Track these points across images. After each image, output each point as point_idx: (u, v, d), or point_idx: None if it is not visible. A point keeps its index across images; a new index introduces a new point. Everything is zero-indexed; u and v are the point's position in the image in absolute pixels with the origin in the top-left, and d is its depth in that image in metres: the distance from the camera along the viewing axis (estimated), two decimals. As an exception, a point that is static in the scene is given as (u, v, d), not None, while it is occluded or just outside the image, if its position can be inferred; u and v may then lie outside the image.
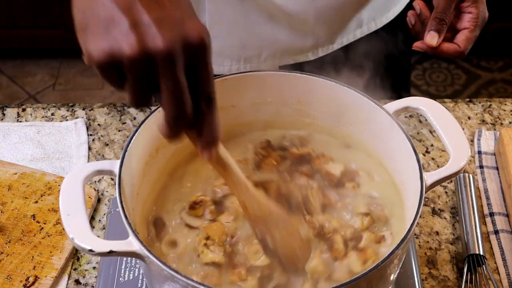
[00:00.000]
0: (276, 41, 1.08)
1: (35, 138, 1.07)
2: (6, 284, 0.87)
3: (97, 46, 0.59)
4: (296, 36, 1.08)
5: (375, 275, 0.67)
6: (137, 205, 0.78)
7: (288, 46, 1.09)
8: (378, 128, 0.81)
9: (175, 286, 0.66)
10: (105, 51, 0.59)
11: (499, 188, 1.00)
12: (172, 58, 0.59)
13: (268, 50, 1.09)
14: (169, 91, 0.60)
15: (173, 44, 0.59)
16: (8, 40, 2.69)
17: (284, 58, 1.10)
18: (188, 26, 0.60)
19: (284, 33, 1.07)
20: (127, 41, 0.58)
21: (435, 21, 0.95)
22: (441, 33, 0.96)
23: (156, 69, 0.59)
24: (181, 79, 0.60)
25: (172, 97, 0.61)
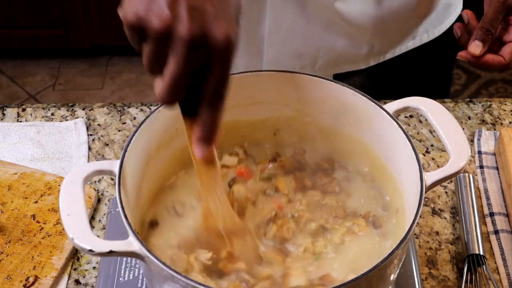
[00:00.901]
0: (331, 50, 1.09)
1: (35, 138, 1.07)
2: (6, 284, 0.87)
3: (134, 7, 0.63)
4: (351, 45, 1.09)
5: (375, 275, 0.67)
6: (137, 205, 0.78)
7: (343, 55, 1.09)
8: (378, 128, 0.81)
9: (175, 286, 0.66)
10: (138, 15, 0.63)
11: (499, 188, 1.00)
12: (188, 47, 0.62)
13: (323, 59, 1.10)
14: (170, 73, 0.64)
15: (195, 36, 0.62)
16: (8, 40, 2.69)
17: (337, 67, 1.10)
18: (219, 24, 0.63)
19: (341, 42, 1.08)
20: (159, 15, 0.62)
21: (481, 31, 0.95)
22: (486, 43, 0.95)
23: (171, 48, 0.63)
24: (185, 69, 0.63)
25: (168, 80, 0.64)
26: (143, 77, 2.70)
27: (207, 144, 0.69)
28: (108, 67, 2.77)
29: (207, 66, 0.65)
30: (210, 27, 0.63)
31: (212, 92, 0.66)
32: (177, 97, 0.66)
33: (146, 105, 1.13)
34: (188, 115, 0.70)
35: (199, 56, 0.64)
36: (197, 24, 0.62)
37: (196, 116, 0.68)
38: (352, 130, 0.85)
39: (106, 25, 2.61)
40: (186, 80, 0.65)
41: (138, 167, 0.78)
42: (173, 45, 0.63)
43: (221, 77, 0.66)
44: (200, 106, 0.67)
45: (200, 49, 0.63)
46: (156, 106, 0.80)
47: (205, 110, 0.67)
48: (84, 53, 2.76)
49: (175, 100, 0.66)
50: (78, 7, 2.55)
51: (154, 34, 0.63)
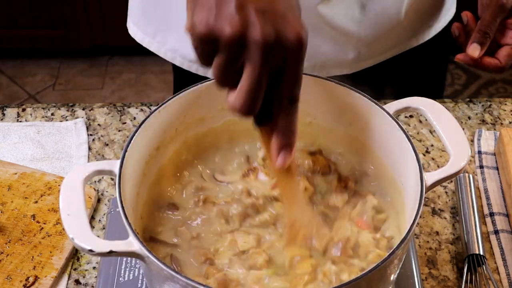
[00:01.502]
0: (317, 54, 1.08)
1: (35, 138, 1.07)
2: (6, 284, 0.87)
3: (203, 18, 0.62)
4: (337, 49, 1.07)
5: (375, 275, 0.67)
6: (137, 205, 0.78)
7: (329, 58, 1.08)
8: (378, 128, 0.81)
9: (175, 286, 0.66)
10: (209, 25, 0.61)
11: (499, 188, 1.00)
12: (264, 51, 0.61)
13: (308, 63, 1.08)
14: (248, 81, 0.62)
15: (269, 38, 0.61)
16: (8, 40, 2.69)
17: (323, 71, 1.10)
18: (289, 23, 0.62)
19: (326, 46, 1.06)
20: (230, 22, 0.61)
21: (479, 34, 0.97)
22: (484, 46, 0.97)
23: (246, 55, 0.61)
24: (263, 74, 0.62)
25: (247, 88, 0.62)
26: (143, 77, 2.71)
27: (289, 151, 0.67)
28: (108, 67, 2.77)
29: (280, 69, 0.63)
30: (282, 28, 0.62)
31: (288, 94, 0.65)
32: (256, 106, 0.64)
33: (146, 105, 1.13)
34: (261, 123, 0.68)
35: (274, 59, 0.62)
36: (269, 26, 0.61)
37: (270, 123, 0.66)
38: (352, 130, 0.85)
39: (106, 25, 2.61)
40: (263, 87, 0.63)
41: (138, 167, 0.78)
42: (248, 51, 0.61)
43: (295, 78, 0.65)
44: (276, 112, 0.66)
45: (276, 51, 0.62)
46: (156, 106, 0.80)
47: (282, 115, 0.66)
48: (84, 53, 2.76)
49: (255, 110, 0.64)
50: (78, 7, 2.55)
51: (226, 40, 0.61)
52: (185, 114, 0.83)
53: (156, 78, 2.64)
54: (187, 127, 0.84)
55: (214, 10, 0.61)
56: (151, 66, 2.67)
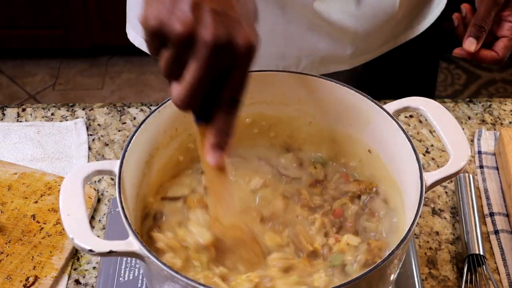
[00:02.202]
0: (314, 50, 1.08)
1: (35, 138, 1.07)
2: (6, 284, 0.87)
3: (156, 12, 0.62)
4: (335, 46, 1.08)
5: (375, 275, 0.67)
6: (137, 205, 0.78)
7: (327, 55, 1.09)
8: (378, 128, 0.81)
9: (175, 286, 0.66)
10: (160, 19, 0.62)
11: (499, 188, 1.00)
12: (212, 52, 0.62)
13: (307, 60, 1.09)
14: (190, 78, 0.63)
15: (218, 40, 0.61)
16: (8, 40, 2.69)
17: (322, 67, 1.10)
18: (241, 29, 0.63)
19: (324, 43, 1.07)
20: (182, 18, 0.61)
21: (475, 28, 0.98)
22: (480, 40, 0.98)
23: (193, 52, 0.62)
24: (206, 74, 0.63)
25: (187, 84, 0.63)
26: (143, 77, 2.70)
27: (221, 150, 0.68)
28: (108, 67, 2.77)
29: (226, 72, 0.64)
30: (234, 33, 0.62)
31: (230, 98, 0.66)
32: (195, 103, 0.65)
33: (146, 105, 1.13)
34: (201, 120, 0.69)
35: (220, 61, 0.63)
36: (221, 29, 0.62)
37: (209, 122, 0.67)
38: (352, 130, 0.85)
39: (106, 25, 2.61)
40: (205, 86, 0.64)
41: (138, 167, 0.78)
42: (196, 49, 0.62)
43: (240, 83, 0.65)
44: (216, 112, 0.66)
45: (223, 54, 0.62)
46: (156, 106, 0.80)
47: (220, 116, 0.66)
48: (84, 53, 2.76)
49: (193, 106, 0.65)
50: (78, 7, 2.55)
51: (176, 37, 0.61)
52: (185, 114, 0.82)
53: (156, 78, 2.64)
54: (187, 127, 0.84)
55: (168, 6, 0.62)
56: (151, 66, 2.67)
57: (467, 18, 1.01)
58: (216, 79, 0.64)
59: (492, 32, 1.01)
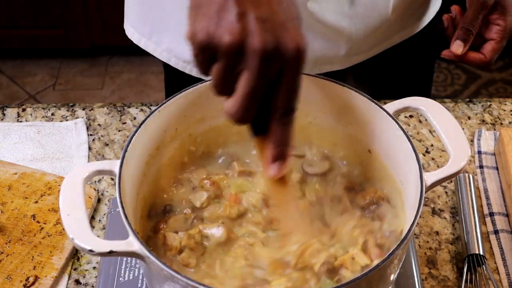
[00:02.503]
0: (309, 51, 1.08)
1: (35, 138, 1.08)
2: (6, 284, 0.87)
3: (204, 26, 0.62)
4: (329, 46, 1.08)
5: (375, 275, 0.67)
6: (137, 205, 0.78)
7: (321, 55, 1.09)
8: (378, 128, 0.81)
9: (175, 286, 0.66)
10: (209, 33, 0.61)
11: (499, 188, 1.00)
12: (262, 59, 0.61)
13: None
14: (244, 89, 0.62)
15: (268, 47, 0.61)
16: (8, 40, 2.69)
17: (316, 68, 1.10)
18: (289, 33, 0.62)
19: (318, 43, 1.07)
20: (230, 29, 0.61)
21: (462, 31, 0.99)
22: (467, 43, 0.99)
23: (244, 63, 0.62)
24: (259, 83, 0.62)
25: (242, 96, 0.63)
26: (143, 77, 2.71)
27: (282, 161, 0.67)
28: (108, 67, 2.77)
29: (278, 79, 0.63)
30: (282, 38, 0.62)
31: (284, 107, 0.65)
32: (251, 114, 0.64)
33: (146, 105, 1.13)
34: (258, 133, 0.68)
35: (272, 69, 0.62)
36: (269, 35, 0.61)
37: (266, 133, 0.66)
38: (352, 130, 0.85)
39: (106, 25, 2.61)
40: (260, 95, 0.63)
41: (138, 167, 0.78)
42: (246, 59, 0.61)
43: (293, 89, 0.64)
44: (272, 122, 0.66)
45: (274, 61, 0.62)
46: (156, 106, 0.80)
47: (277, 126, 0.66)
48: (84, 53, 2.77)
49: (250, 118, 0.64)
50: (78, 7, 2.55)
51: (226, 48, 0.61)
52: (185, 114, 0.83)
53: (156, 78, 2.64)
54: (187, 127, 0.84)
55: (215, 18, 0.62)
56: (151, 66, 2.67)
57: (456, 19, 1.02)
58: (269, 89, 0.63)
59: (481, 34, 1.02)
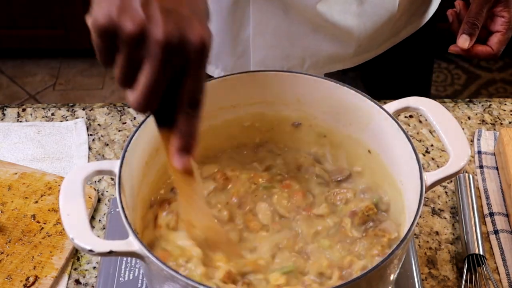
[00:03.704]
0: (318, 51, 1.08)
1: (35, 138, 1.07)
2: (6, 284, 0.87)
3: (106, 11, 0.61)
4: (338, 45, 1.08)
5: (375, 275, 0.67)
6: (137, 205, 0.78)
7: (330, 54, 1.09)
8: (378, 128, 0.81)
9: (175, 286, 0.66)
10: (110, 17, 0.60)
11: (499, 188, 1.00)
12: (164, 50, 0.60)
13: (311, 60, 1.09)
14: (145, 78, 0.61)
15: (171, 37, 0.60)
16: (8, 40, 2.69)
17: (325, 67, 1.10)
18: (193, 26, 0.61)
19: (327, 43, 1.07)
20: (133, 17, 0.60)
21: (467, 25, 0.99)
22: (473, 37, 1.00)
23: (146, 53, 0.61)
24: (161, 73, 0.61)
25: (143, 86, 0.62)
26: (143, 77, 2.71)
27: (186, 154, 0.66)
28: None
29: (182, 71, 0.62)
30: (186, 30, 0.61)
31: (189, 99, 0.64)
32: (153, 105, 0.63)
33: (146, 105, 1.13)
34: (163, 125, 0.68)
35: (174, 60, 0.61)
36: (173, 26, 0.60)
37: (172, 126, 0.66)
38: (352, 130, 0.85)
39: (106, 25, 2.61)
40: (162, 86, 0.62)
41: (138, 167, 0.78)
42: (148, 49, 0.60)
43: (198, 82, 0.64)
44: (177, 115, 0.65)
45: (176, 52, 0.61)
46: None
47: (182, 118, 0.65)
48: (84, 53, 2.76)
49: (152, 108, 0.64)
50: (78, 7, 2.55)
51: (127, 37, 0.60)
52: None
53: (156, 78, 2.64)
54: (187, 127, 0.84)
55: (118, 4, 0.61)
56: (151, 66, 2.67)
57: (461, 14, 1.03)
58: (173, 80, 0.63)
59: (486, 27, 1.03)
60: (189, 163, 0.67)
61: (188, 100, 0.64)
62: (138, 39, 0.60)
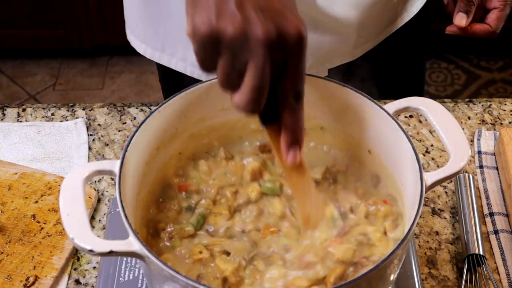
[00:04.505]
0: (320, 47, 1.08)
1: (35, 138, 1.08)
2: (6, 284, 0.87)
3: (204, 19, 0.61)
4: (339, 38, 1.08)
5: (375, 275, 0.67)
6: (137, 205, 0.78)
7: (331, 50, 1.09)
8: (378, 128, 0.81)
9: (175, 286, 0.66)
10: (211, 25, 0.61)
11: (499, 188, 1.00)
12: (266, 47, 0.61)
13: (313, 57, 1.10)
14: (251, 79, 0.62)
15: (270, 34, 0.61)
16: (8, 40, 2.69)
17: (327, 62, 1.10)
18: (287, 19, 0.62)
19: (328, 38, 1.07)
20: (232, 20, 0.61)
21: (463, 3, 0.98)
22: (470, 14, 0.97)
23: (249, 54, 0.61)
24: (266, 71, 0.62)
25: (251, 86, 0.62)
26: (143, 77, 2.71)
27: (298, 147, 0.67)
28: (108, 67, 2.77)
29: (283, 66, 0.63)
30: (282, 25, 0.62)
31: (293, 92, 0.65)
32: (261, 104, 0.64)
33: (146, 105, 1.13)
34: (269, 122, 0.68)
35: (277, 55, 0.62)
36: (269, 23, 0.61)
37: (276, 121, 0.67)
38: (352, 130, 0.85)
39: (106, 25, 2.61)
40: (268, 85, 0.63)
41: (138, 167, 0.78)
42: (251, 49, 0.61)
43: (299, 74, 0.65)
44: (282, 109, 0.66)
45: (278, 48, 0.62)
46: (156, 106, 0.80)
47: (288, 112, 0.66)
48: (84, 53, 2.76)
49: (260, 108, 0.64)
50: (78, 7, 2.55)
51: (230, 40, 0.61)
52: (185, 114, 0.83)
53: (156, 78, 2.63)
54: (187, 127, 0.84)
55: (214, 10, 0.61)
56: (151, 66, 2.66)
57: None
58: (275, 76, 0.63)
59: (483, 6, 1.01)
60: (301, 155, 0.68)
61: (292, 93, 0.65)
62: (240, 41, 0.61)
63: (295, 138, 0.67)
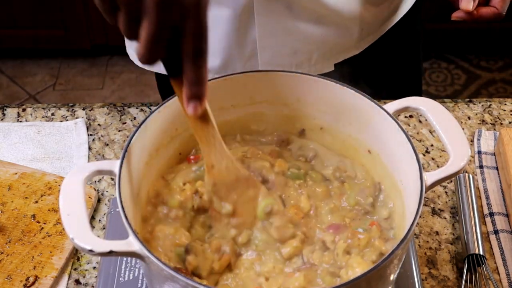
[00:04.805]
0: (325, 43, 1.09)
1: (35, 138, 1.08)
2: (6, 284, 0.87)
3: None
4: (343, 33, 1.09)
5: (375, 275, 0.67)
6: (137, 205, 0.78)
7: (335, 45, 1.10)
8: (378, 128, 0.81)
9: (175, 286, 0.66)
10: None
11: (499, 188, 1.00)
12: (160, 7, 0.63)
13: (318, 53, 1.10)
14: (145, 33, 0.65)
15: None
16: (8, 40, 2.69)
17: (332, 58, 1.11)
18: None
19: (333, 33, 1.08)
20: None
21: None
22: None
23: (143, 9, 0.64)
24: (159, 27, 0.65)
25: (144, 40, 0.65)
26: (143, 77, 2.71)
27: (198, 100, 0.70)
28: (108, 67, 2.77)
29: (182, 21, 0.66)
30: None
31: (192, 48, 0.67)
32: (156, 56, 0.67)
33: (146, 105, 1.13)
34: (175, 75, 0.71)
35: (171, 13, 0.64)
36: None
37: (181, 75, 0.69)
38: (352, 130, 0.85)
39: (106, 25, 2.61)
40: (163, 39, 0.65)
41: (138, 167, 0.78)
42: (144, 6, 0.64)
43: (198, 32, 0.67)
44: (184, 65, 0.68)
45: (172, 7, 0.64)
46: (156, 106, 0.80)
47: (188, 67, 0.68)
48: (84, 53, 2.76)
49: (155, 60, 0.67)
50: (78, 7, 2.55)
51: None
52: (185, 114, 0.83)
53: (156, 78, 2.64)
54: (187, 127, 0.84)
55: None
56: (151, 66, 2.67)
57: None
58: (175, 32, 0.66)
59: None
60: (200, 108, 0.71)
61: (192, 50, 0.67)
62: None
63: (195, 92, 0.70)
